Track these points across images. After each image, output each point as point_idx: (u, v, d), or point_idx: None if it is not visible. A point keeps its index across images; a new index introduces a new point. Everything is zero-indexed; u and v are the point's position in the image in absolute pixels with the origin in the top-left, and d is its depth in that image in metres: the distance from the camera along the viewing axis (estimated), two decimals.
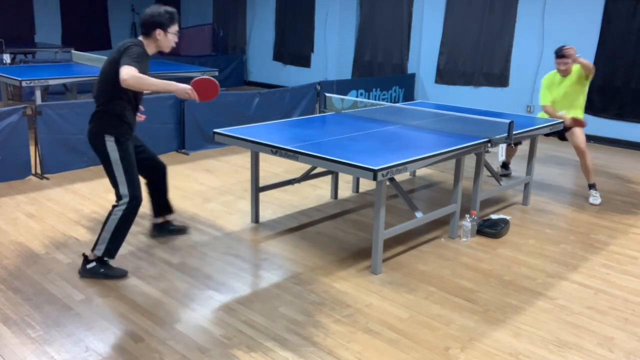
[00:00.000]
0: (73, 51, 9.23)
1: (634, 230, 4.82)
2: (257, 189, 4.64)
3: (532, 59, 8.68)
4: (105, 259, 3.62)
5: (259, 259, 4.02)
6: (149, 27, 3.52)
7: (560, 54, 5.52)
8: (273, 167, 6.27)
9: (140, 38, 3.58)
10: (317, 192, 5.49)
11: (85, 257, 3.66)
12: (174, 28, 3.59)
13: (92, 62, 8.59)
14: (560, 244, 4.47)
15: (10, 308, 3.25)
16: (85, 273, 3.63)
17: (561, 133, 5.70)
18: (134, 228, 4.45)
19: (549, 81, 5.78)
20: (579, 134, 5.56)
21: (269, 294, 3.53)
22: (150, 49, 3.59)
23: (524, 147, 6.86)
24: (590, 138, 8.00)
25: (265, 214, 4.84)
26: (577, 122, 5.55)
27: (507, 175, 6.26)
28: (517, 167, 6.62)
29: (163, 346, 2.94)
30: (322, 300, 3.45)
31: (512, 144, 5.82)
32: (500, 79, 9.11)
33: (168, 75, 8.62)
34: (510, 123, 4.35)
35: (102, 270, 3.62)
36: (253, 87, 12.54)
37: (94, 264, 3.62)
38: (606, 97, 8.09)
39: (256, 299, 3.45)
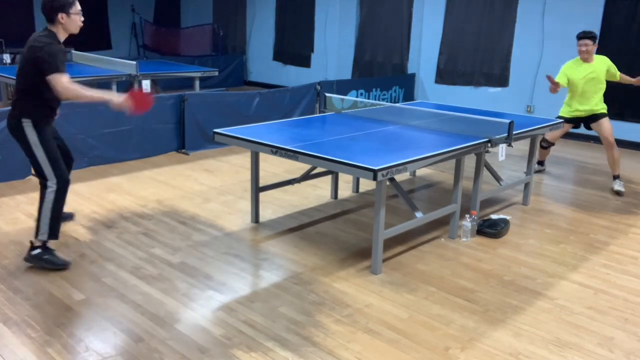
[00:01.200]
0: (73, 51, 9.22)
1: (634, 230, 4.82)
2: (257, 189, 4.64)
3: (532, 59, 8.68)
4: (51, 241, 3.70)
5: (259, 259, 4.03)
6: (51, 13, 3.56)
7: (581, 35, 5.78)
8: (273, 167, 6.27)
9: (49, 27, 3.62)
10: (317, 192, 5.49)
11: (31, 243, 3.73)
12: (76, 8, 3.62)
13: (92, 62, 8.59)
14: (560, 244, 4.47)
15: (10, 308, 3.25)
16: (30, 259, 3.72)
17: (586, 122, 6.04)
18: (133, 227, 4.46)
19: (568, 66, 5.96)
20: (605, 125, 5.87)
21: (269, 294, 3.53)
22: (61, 36, 3.64)
23: (525, 147, 6.87)
24: (590, 138, 8.01)
25: (265, 214, 4.84)
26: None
27: (542, 171, 6.54)
28: (517, 167, 6.62)
29: (163, 346, 2.94)
30: (322, 300, 3.45)
31: (542, 146, 6.25)
32: (500, 79, 9.11)
33: (169, 76, 8.63)
34: (510, 123, 4.35)
35: (45, 256, 3.70)
36: (253, 87, 12.54)
37: (38, 250, 3.70)
38: (606, 97, 8.07)
39: (256, 299, 3.45)
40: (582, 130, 6.40)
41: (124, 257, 3.96)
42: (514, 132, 4.41)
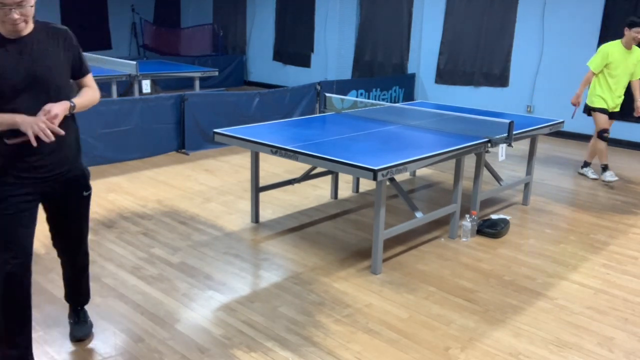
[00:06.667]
0: None
1: (634, 230, 4.82)
2: (257, 189, 4.64)
3: (532, 59, 8.68)
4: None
5: (259, 259, 4.03)
6: None
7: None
8: (273, 167, 6.27)
9: None
10: (317, 192, 5.49)
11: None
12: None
13: (92, 62, 8.57)
14: (560, 244, 4.47)
15: None
16: None
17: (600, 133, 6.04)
18: (133, 227, 4.46)
19: (607, 49, 5.82)
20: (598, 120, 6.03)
21: (269, 294, 3.53)
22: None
23: (524, 147, 6.87)
24: (590, 138, 8.01)
25: (265, 214, 4.84)
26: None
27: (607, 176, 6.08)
28: (517, 167, 6.62)
29: (163, 346, 2.94)
30: (322, 300, 3.45)
31: (603, 137, 6.04)
32: (500, 79, 9.10)
33: (169, 76, 8.63)
34: (510, 123, 4.35)
35: None
36: (253, 87, 12.54)
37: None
38: None
39: (256, 299, 3.45)
40: (582, 130, 6.41)
41: (124, 257, 3.96)
42: (514, 132, 4.41)
